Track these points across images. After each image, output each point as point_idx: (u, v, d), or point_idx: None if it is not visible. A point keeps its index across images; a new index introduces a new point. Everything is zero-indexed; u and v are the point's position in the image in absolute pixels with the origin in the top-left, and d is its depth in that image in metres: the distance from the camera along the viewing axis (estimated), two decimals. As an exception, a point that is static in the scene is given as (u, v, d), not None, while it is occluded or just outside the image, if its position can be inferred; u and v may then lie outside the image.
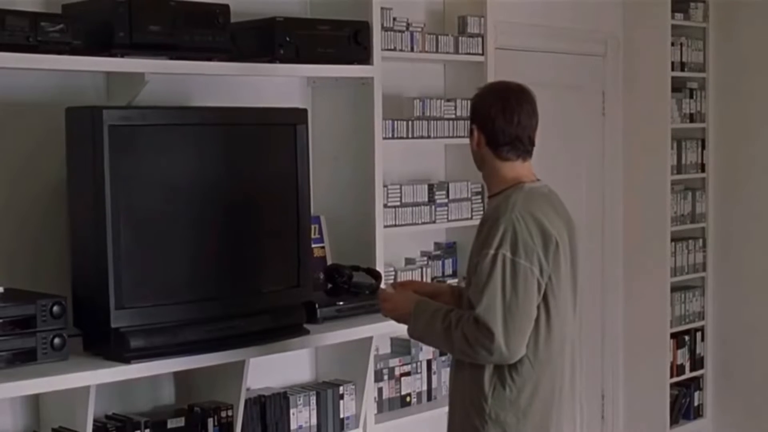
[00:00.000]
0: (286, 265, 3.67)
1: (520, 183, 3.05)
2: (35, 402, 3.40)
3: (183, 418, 3.58)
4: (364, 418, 4.06)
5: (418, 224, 4.44)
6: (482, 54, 4.68)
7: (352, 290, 3.96)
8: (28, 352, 3.09)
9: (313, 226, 3.95)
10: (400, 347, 4.49)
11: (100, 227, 3.18)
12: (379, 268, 4.08)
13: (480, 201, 4.60)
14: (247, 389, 3.72)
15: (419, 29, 4.45)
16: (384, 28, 4.22)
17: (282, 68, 3.82)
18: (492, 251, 2.90)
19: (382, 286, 3.89)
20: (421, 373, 4.44)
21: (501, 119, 3.04)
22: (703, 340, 6.07)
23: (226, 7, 3.56)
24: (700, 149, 5.99)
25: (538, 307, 2.97)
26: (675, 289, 5.87)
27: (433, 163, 4.77)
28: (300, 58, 3.81)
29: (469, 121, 3.15)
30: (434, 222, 4.50)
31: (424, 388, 4.42)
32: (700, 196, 6.01)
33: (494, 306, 2.88)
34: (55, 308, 3.14)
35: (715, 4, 5.92)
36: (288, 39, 3.75)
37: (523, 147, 3.07)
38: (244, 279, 3.56)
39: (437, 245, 4.72)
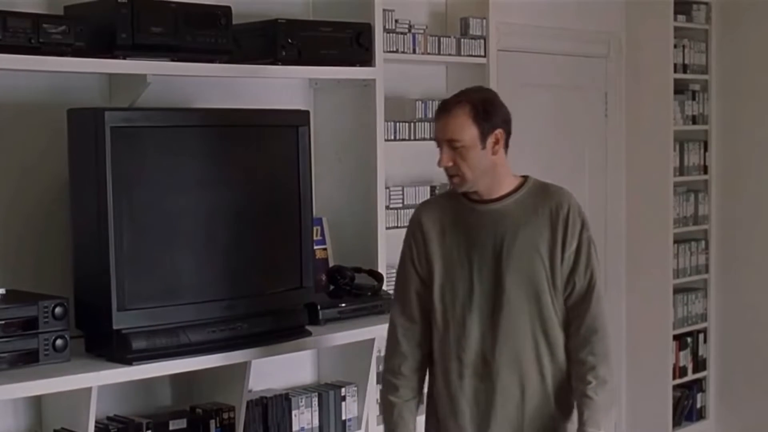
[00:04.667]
0: (288, 266, 3.67)
1: (524, 176, 3.15)
2: (37, 403, 3.40)
3: (185, 420, 3.58)
4: (366, 420, 4.05)
5: (420, 226, 4.43)
6: (484, 56, 4.68)
7: (354, 292, 3.97)
8: (30, 354, 3.10)
9: (315, 228, 3.94)
10: (402, 349, 4.49)
11: (103, 229, 3.19)
12: (381, 269, 4.08)
13: (482, 203, 4.60)
14: (249, 391, 3.72)
15: (421, 31, 4.45)
16: (386, 30, 4.22)
17: (284, 70, 3.82)
18: (588, 233, 3.08)
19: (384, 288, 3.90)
20: (423, 374, 4.43)
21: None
22: (705, 342, 6.06)
23: (228, 8, 3.56)
24: (702, 151, 5.98)
25: None
26: (677, 290, 5.86)
27: (435, 165, 4.74)
28: (302, 59, 3.81)
29: (483, 130, 3.01)
30: (436, 224, 4.50)
31: (426, 390, 4.40)
32: (703, 198, 6.00)
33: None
34: (57, 310, 3.15)
35: (718, 5, 5.92)
36: (290, 41, 3.75)
37: None
38: (246, 280, 3.56)
39: (439, 247, 4.72)
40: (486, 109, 3.04)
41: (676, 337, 5.85)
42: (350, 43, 3.96)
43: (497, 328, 3.03)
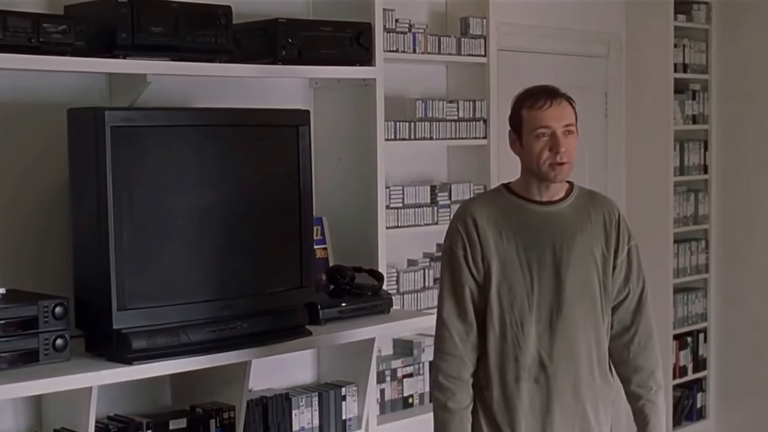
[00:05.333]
0: (289, 266, 3.67)
1: (569, 181, 3.15)
2: (37, 403, 3.40)
3: (185, 419, 3.58)
4: (367, 420, 4.05)
5: (420, 225, 4.44)
6: (484, 55, 4.68)
7: (354, 291, 3.96)
8: (30, 353, 3.10)
9: (315, 227, 3.94)
10: (402, 348, 4.49)
11: (103, 228, 3.18)
12: (381, 269, 4.08)
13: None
14: (249, 390, 3.72)
15: (421, 30, 4.45)
16: (386, 30, 4.22)
17: (284, 69, 3.82)
18: (635, 241, 3.17)
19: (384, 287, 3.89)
20: (423, 374, 4.43)
21: None
22: (705, 341, 6.06)
23: (229, 8, 3.56)
24: (702, 150, 5.99)
25: None
26: (678, 290, 5.87)
27: (436, 165, 4.77)
28: (302, 59, 3.81)
29: (574, 125, 3.08)
30: (436, 223, 4.50)
31: (427, 389, 4.41)
32: (703, 197, 6.00)
33: None
34: (58, 309, 3.15)
35: (718, 5, 5.92)
36: (290, 40, 3.75)
37: None
38: (246, 280, 3.56)
39: (439, 247, 4.71)
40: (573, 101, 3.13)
41: (676, 337, 5.85)
42: (350, 43, 3.96)
43: (555, 330, 3.01)
